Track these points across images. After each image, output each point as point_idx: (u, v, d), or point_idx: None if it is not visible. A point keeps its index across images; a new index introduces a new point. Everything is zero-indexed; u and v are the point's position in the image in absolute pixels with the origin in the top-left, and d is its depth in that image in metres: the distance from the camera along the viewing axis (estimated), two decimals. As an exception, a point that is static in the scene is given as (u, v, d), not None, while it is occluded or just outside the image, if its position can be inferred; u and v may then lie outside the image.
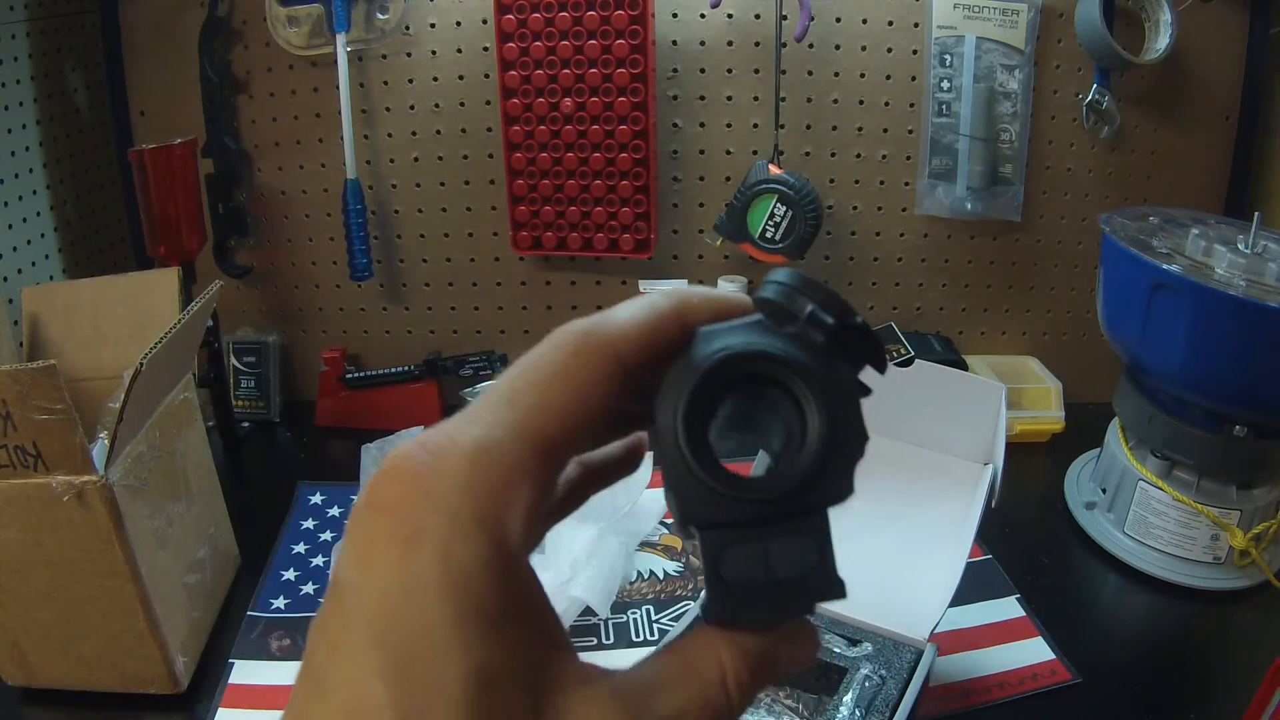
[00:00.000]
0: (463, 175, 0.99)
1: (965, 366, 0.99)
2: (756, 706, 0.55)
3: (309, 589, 0.75)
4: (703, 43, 0.94)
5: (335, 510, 0.86)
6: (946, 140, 0.95)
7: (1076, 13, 0.91)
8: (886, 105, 0.96)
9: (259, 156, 1.00)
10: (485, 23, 0.93)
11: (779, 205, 0.91)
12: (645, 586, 0.75)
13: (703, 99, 0.96)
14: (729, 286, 0.97)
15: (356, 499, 0.20)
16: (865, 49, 0.94)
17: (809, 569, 0.21)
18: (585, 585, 0.69)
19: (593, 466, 0.27)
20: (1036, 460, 0.94)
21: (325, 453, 0.98)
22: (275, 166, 1.00)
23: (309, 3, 0.91)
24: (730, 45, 0.94)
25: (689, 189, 0.99)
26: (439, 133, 0.98)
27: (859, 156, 0.98)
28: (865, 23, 0.93)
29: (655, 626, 0.71)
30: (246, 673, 0.66)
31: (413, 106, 0.97)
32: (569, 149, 0.93)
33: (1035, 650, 0.68)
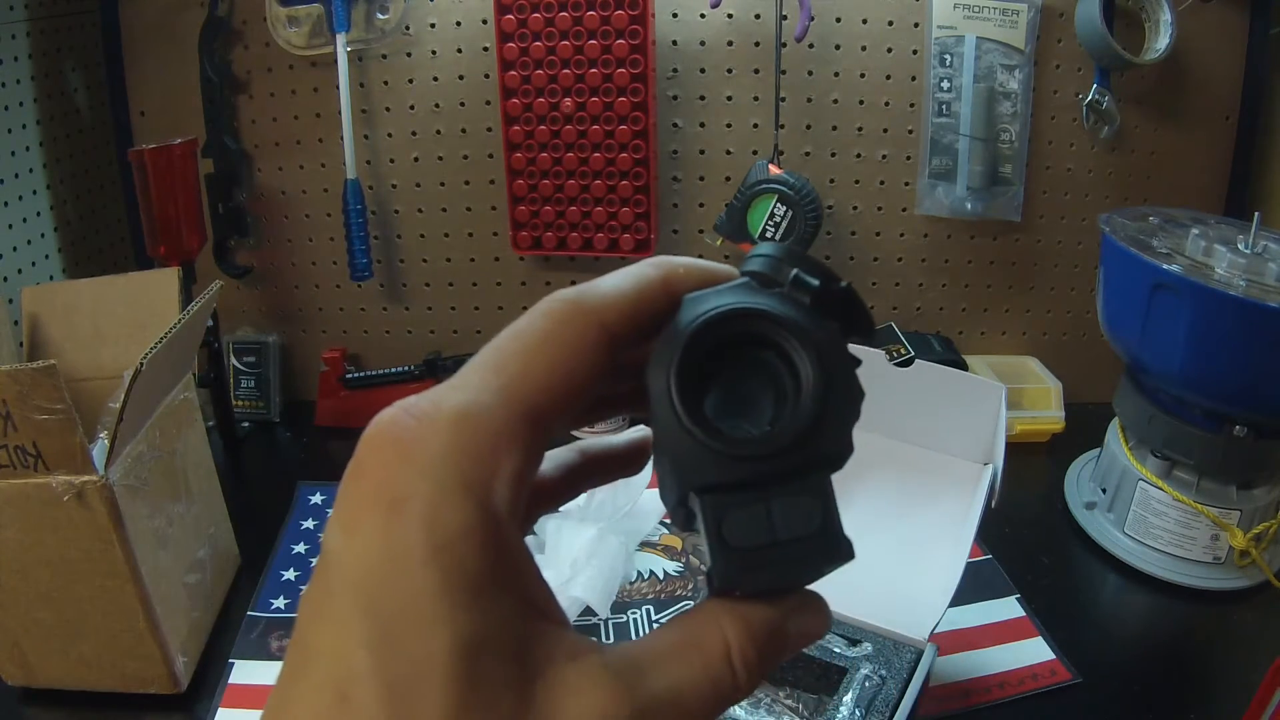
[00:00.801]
0: (463, 175, 0.99)
1: (965, 366, 0.99)
2: (756, 706, 0.55)
3: (309, 589, 0.75)
4: (703, 43, 0.94)
5: (335, 510, 0.86)
6: (946, 140, 0.95)
7: (1076, 13, 0.91)
8: (886, 105, 0.96)
9: (259, 156, 1.00)
10: (485, 23, 0.93)
11: (779, 205, 0.91)
12: (645, 586, 0.75)
13: (703, 99, 0.96)
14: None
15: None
16: (865, 49, 0.94)
17: (814, 529, 0.21)
18: (585, 585, 0.69)
19: (593, 455, 0.26)
20: (1036, 460, 0.94)
21: (325, 453, 0.98)
22: (275, 166, 1.00)
23: (309, 3, 0.91)
24: (730, 45, 0.94)
25: (689, 189, 0.99)
26: (439, 133, 0.98)
27: (859, 156, 0.98)
28: (865, 23, 0.93)
29: (655, 626, 0.71)
30: (246, 673, 0.66)
31: (413, 106, 0.97)
32: (569, 149, 0.93)
33: (1035, 650, 0.68)
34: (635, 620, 0.72)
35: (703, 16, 0.93)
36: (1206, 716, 0.63)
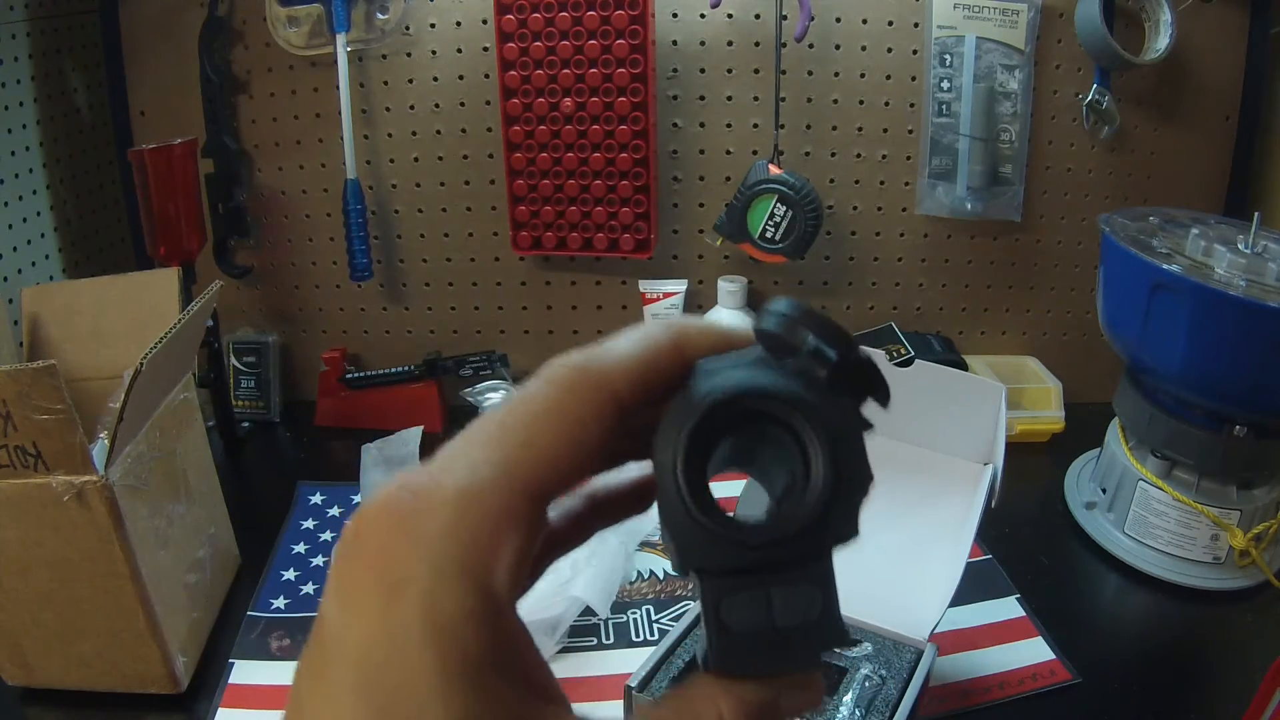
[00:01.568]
0: (463, 175, 0.99)
1: (965, 366, 0.99)
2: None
3: (309, 589, 0.75)
4: (703, 43, 0.94)
5: (335, 510, 0.86)
6: (946, 140, 0.95)
7: (1076, 13, 0.91)
8: (886, 105, 0.96)
9: (259, 156, 1.00)
10: (485, 23, 0.93)
11: (779, 205, 0.91)
12: (645, 586, 0.75)
13: (703, 99, 0.96)
14: (729, 287, 0.97)
15: (339, 538, 0.20)
16: (865, 49, 0.94)
17: (814, 617, 0.21)
18: (585, 585, 0.69)
19: (600, 500, 0.26)
20: (1036, 460, 0.94)
21: (325, 453, 0.98)
22: (275, 166, 1.00)
23: (309, 3, 0.91)
24: (730, 45, 0.94)
25: (689, 189, 0.99)
26: (439, 133, 0.98)
27: (859, 156, 0.98)
28: (865, 23, 0.93)
29: (655, 626, 0.71)
30: (246, 673, 0.66)
31: (413, 106, 0.97)
32: (569, 149, 0.93)
33: (1035, 650, 0.68)
34: (635, 620, 0.72)
35: (703, 16, 0.93)
36: (1206, 716, 0.63)
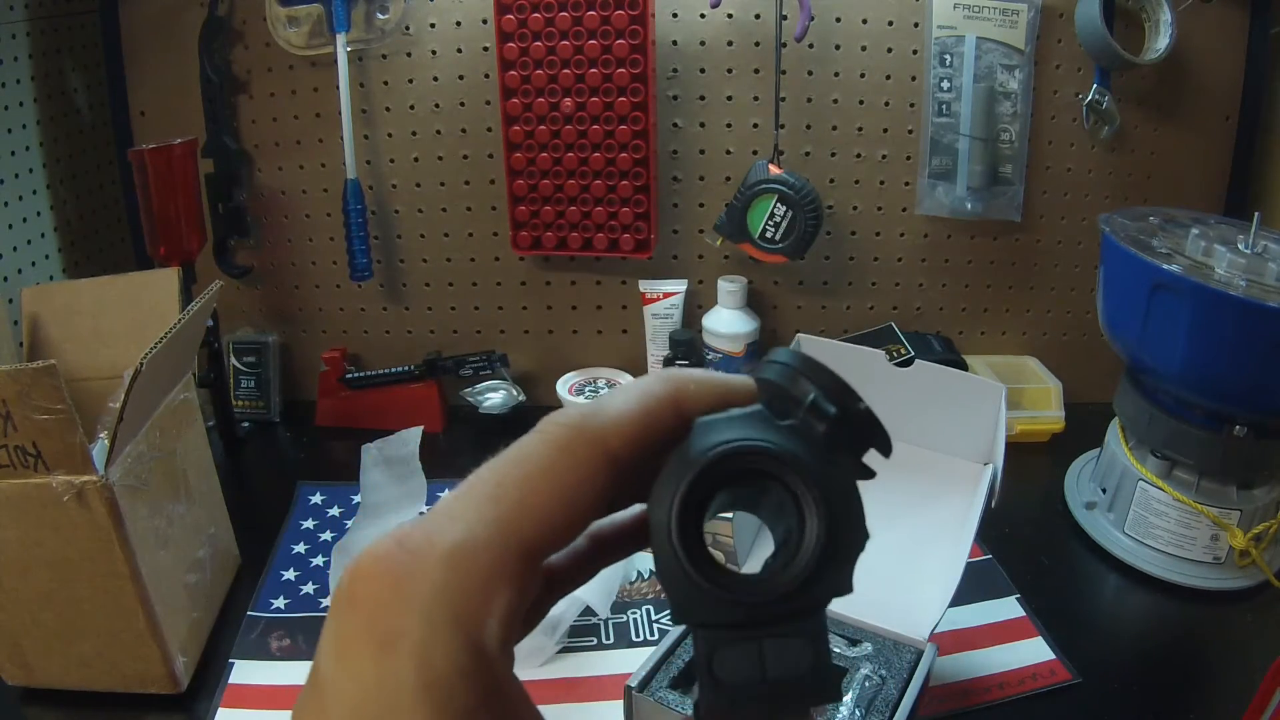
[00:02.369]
0: (463, 175, 0.99)
1: (965, 366, 0.99)
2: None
3: (309, 589, 0.75)
4: (703, 43, 0.94)
5: (335, 510, 0.86)
6: (946, 140, 0.95)
7: (1076, 13, 0.91)
8: (886, 105, 0.96)
9: (259, 156, 1.00)
10: (485, 23, 0.93)
11: (779, 205, 0.91)
12: (645, 586, 0.75)
13: (703, 99, 0.96)
14: (729, 287, 0.97)
15: (334, 590, 0.20)
16: (865, 49, 0.94)
17: (804, 670, 0.21)
18: (585, 585, 0.69)
19: (602, 538, 0.26)
20: (1036, 460, 0.94)
21: (325, 453, 0.98)
22: (275, 166, 1.00)
23: (309, 3, 0.91)
24: (730, 45, 0.94)
25: (689, 189, 0.99)
26: (439, 133, 0.98)
27: (859, 156, 0.98)
28: (865, 23, 0.93)
29: (655, 626, 0.71)
30: (246, 673, 0.66)
31: (413, 106, 0.97)
32: (569, 149, 0.93)
33: (1035, 650, 0.68)
34: (635, 620, 0.72)
35: (703, 16, 0.93)
36: (1206, 716, 0.63)
